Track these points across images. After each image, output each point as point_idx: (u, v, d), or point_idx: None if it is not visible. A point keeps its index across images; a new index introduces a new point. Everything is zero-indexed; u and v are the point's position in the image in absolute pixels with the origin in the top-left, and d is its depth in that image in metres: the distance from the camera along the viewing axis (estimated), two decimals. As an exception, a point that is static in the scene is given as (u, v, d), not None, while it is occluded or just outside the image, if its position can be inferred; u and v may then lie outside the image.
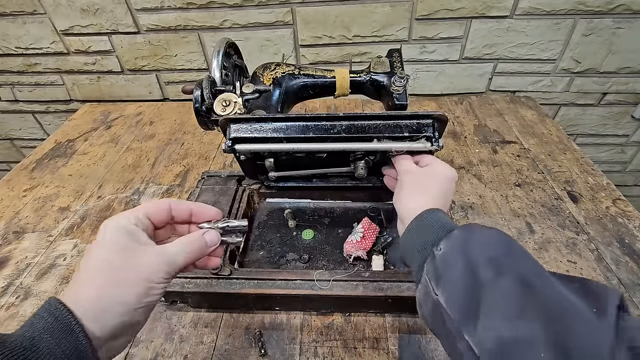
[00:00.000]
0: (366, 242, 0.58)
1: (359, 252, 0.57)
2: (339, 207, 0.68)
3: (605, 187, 0.74)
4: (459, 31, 0.97)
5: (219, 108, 0.54)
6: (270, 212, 0.68)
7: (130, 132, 0.99)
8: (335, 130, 0.51)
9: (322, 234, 0.64)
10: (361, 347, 0.49)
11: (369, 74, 0.63)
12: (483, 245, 0.33)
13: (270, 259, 0.59)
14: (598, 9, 0.91)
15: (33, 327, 0.25)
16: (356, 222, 0.63)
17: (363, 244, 0.58)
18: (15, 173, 0.86)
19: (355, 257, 0.57)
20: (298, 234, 0.63)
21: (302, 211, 0.67)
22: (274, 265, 0.58)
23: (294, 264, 0.59)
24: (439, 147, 0.50)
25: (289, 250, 0.61)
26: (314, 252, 0.60)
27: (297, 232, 0.64)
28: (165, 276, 0.30)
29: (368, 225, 0.61)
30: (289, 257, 0.60)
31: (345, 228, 0.63)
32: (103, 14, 0.99)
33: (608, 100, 1.07)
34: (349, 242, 0.58)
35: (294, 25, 0.98)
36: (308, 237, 0.62)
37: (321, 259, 0.59)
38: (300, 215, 0.66)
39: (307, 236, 0.62)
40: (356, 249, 0.57)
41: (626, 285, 0.55)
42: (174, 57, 1.06)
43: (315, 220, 0.66)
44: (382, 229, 0.63)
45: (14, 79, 1.15)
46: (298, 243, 0.62)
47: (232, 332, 0.52)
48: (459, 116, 0.99)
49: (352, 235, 0.59)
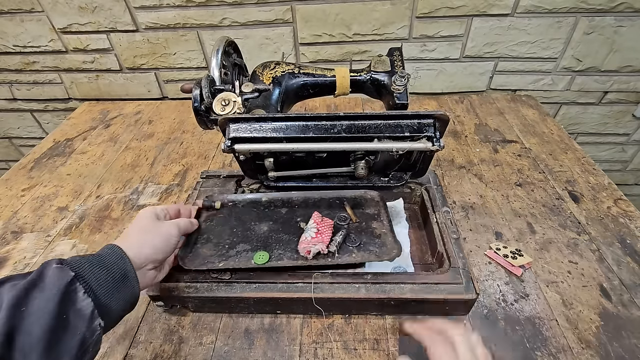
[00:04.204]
0: (323, 236, 0.53)
1: (318, 247, 0.51)
2: (297, 198, 0.62)
3: (606, 187, 0.73)
4: (459, 29, 0.96)
5: (218, 107, 0.54)
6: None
7: (129, 131, 0.99)
8: (335, 130, 0.51)
9: (277, 223, 0.58)
10: (361, 348, 0.49)
11: (369, 73, 0.62)
12: None
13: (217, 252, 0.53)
14: (600, 7, 0.90)
15: (97, 253, 0.40)
16: (303, 222, 0.57)
17: (320, 238, 0.52)
18: (13, 172, 0.86)
19: (315, 253, 0.51)
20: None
21: (256, 202, 0.62)
22: (222, 257, 0.52)
23: (245, 255, 0.53)
24: (440, 147, 0.50)
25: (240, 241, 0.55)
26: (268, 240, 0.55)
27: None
28: (176, 232, 0.48)
29: (320, 220, 0.55)
30: (239, 248, 0.54)
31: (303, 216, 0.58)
32: (101, 12, 0.98)
33: (609, 99, 1.07)
34: (304, 241, 0.52)
35: (294, 24, 0.97)
36: (261, 260, 0.51)
37: (277, 247, 0.54)
38: (257, 206, 0.61)
39: (259, 260, 0.51)
40: (313, 244, 0.51)
41: (628, 286, 0.55)
42: (173, 55, 1.06)
43: (272, 211, 0.60)
44: (346, 221, 0.57)
45: (12, 78, 1.15)
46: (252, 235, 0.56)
47: (231, 333, 0.52)
48: (460, 115, 0.98)
49: (305, 233, 0.53)
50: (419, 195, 0.66)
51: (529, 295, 0.54)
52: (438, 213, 0.60)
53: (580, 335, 0.50)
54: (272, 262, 0.51)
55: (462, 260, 0.51)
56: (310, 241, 0.52)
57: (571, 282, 0.56)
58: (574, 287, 0.56)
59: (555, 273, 0.57)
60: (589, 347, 0.48)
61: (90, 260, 0.38)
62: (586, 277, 0.57)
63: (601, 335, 0.50)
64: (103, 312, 0.36)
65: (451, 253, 0.52)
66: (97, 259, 0.38)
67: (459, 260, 0.51)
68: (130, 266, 0.40)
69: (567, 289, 0.55)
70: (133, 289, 0.40)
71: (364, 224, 0.57)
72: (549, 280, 0.56)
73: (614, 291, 0.55)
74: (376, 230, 0.56)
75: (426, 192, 0.64)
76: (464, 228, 0.65)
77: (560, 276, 0.57)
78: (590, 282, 0.56)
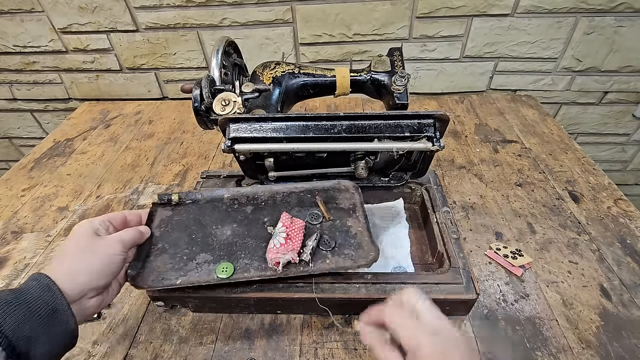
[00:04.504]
0: (293, 242, 0.48)
1: (288, 256, 0.46)
2: (262, 193, 0.57)
3: (606, 187, 0.73)
4: (459, 29, 0.96)
5: (218, 107, 0.54)
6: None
7: (129, 131, 0.99)
8: (335, 130, 0.51)
9: (242, 226, 0.53)
10: (361, 349, 0.49)
11: (369, 73, 0.62)
12: None
13: (174, 265, 0.47)
14: (600, 7, 0.90)
15: (18, 288, 0.34)
16: (270, 226, 0.52)
17: (290, 245, 0.47)
18: (13, 172, 0.86)
19: (285, 263, 0.46)
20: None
21: (218, 200, 0.56)
22: (181, 272, 0.47)
23: (206, 267, 0.47)
24: (440, 147, 0.50)
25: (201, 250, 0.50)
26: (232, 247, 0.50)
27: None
28: (119, 249, 0.42)
29: (289, 222, 0.50)
30: (200, 259, 0.48)
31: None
32: (101, 12, 0.98)
33: (609, 99, 1.07)
34: (272, 249, 0.47)
35: (294, 24, 0.97)
36: (225, 273, 0.46)
37: (243, 256, 0.49)
38: (219, 205, 0.56)
39: (223, 273, 0.47)
40: (282, 253, 0.46)
41: (628, 286, 0.55)
42: (173, 55, 1.06)
43: (236, 210, 0.55)
44: (318, 220, 0.53)
45: (12, 78, 1.15)
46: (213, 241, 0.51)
47: (231, 333, 0.51)
48: (460, 115, 0.98)
49: (273, 239, 0.48)
50: (419, 195, 0.66)
51: (529, 295, 0.54)
52: (438, 213, 0.59)
53: (580, 335, 0.50)
54: (237, 274, 0.46)
55: (462, 261, 0.51)
56: (279, 249, 0.47)
57: (571, 282, 0.56)
58: (574, 287, 0.56)
59: (556, 273, 0.57)
60: (589, 347, 0.48)
61: (5, 299, 0.32)
62: (586, 277, 0.57)
63: (601, 335, 0.50)
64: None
65: (451, 253, 0.52)
66: (15, 295, 0.33)
67: (459, 261, 0.51)
68: (61, 299, 0.34)
69: (568, 289, 0.55)
70: (67, 324, 0.34)
71: (338, 222, 0.53)
72: (549, 280, 0.56)
73: (614, 291, 0.55)
74: (352, 229, 0.52)
75: (426, 192, 0.64)
76: (464, 228, 0.65)
77: (561, 276, 0.57)
78: (591, 282, 0.56)
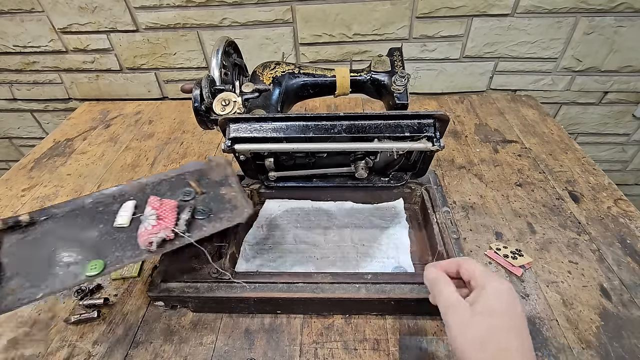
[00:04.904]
0: (166, 221, 0.47)
1: (161, 234, 0.45)
2: (130, 190, 0.53)
3: (606, 187, 0.73)
4: (459, 29, 0.96)
5: (218, 107, 0.54)
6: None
7: (129, 131, 0.99)
8: (335, 130, 0.51)
9: (108, 225, 0.48)
10: (361, 349, 0.49)
11: (369, 73, 0.62)
12: None
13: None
14: (600, 7, 0.90)
15: None
16: (140, 214, 0.49)
17: (163, 224, 0.47)
18: (13, 172, 0.86)
19: (159, 241, 0.45)
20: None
21: (80, 208, 0.52)
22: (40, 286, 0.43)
23: (73, 270, 0.44)
24: (440, 147, 0.50)
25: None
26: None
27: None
28: None
29: (158, 204, 0.49)
30: (63, 267, 0.44)
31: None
32: (101, 12, 0.98)
33: (609, 99, 1.07)
34: (142, 233, 0.46)
35: (294, 24, 0.97)
36: (95, 270, 0.44)
37: (114, 249, 0.46)
38: (81, 213, 0.51)
39: (93, 270, 0.44)
40: (154, 233, 0.45)
41: (628, 286, 0.55)
42: (173, 55, 1.06)
43: (102, 212, 0.51)
44: (191, 195, 0.51)
45: (12, 78, 1.15)
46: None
47: (231, 333, 0.52)
48: (460, 115, 0.98)
49: (142, 224, 0.47)
50: (419, 195, 0.66)
51: (529, 296, 0.54)
52: (438, 213, 0.60)
53: (580, 336, 0.50)
54: (109, 267, 0.44)
55: (462, 261, 0.51)
56: (151, 231, 0.46)
57: (571, 282, 0.56)
58: (574, 287, 0.56)
59: (556, 273, 0.57)
60: (589, 347, 0.48)
61: None
62: (586, 277, 0.57)
63: (601, 336, 0.50)
64: None
65: (451, 253, 0.52)
66: None
67: (459, 261, 0.51)
68: None
69: (567, 289, 0.55)
70: None
71: (212, 193, 0.52)
72: (549, 281, 0.56)
73: (614, 291, 0.55)
74: (226, 196, 0.51)
75: (426, 192, 0.64)
76: (464, 228, 0.65)
77: (561, 276, 0.57)
78: (591, 282, 0.56)
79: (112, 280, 0.60)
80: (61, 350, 0.51)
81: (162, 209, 0.48)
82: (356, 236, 0.62)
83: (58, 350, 0.51)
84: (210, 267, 0.51)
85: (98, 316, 0.54)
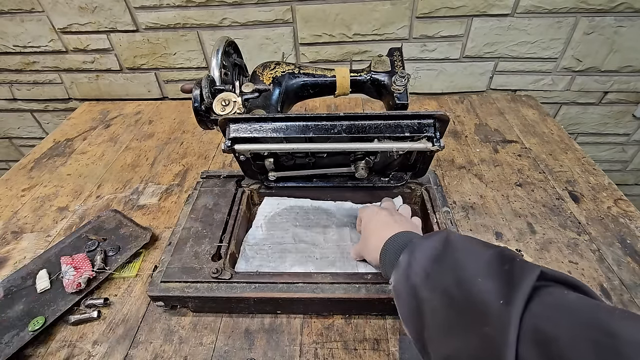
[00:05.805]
0: (84, 268, 0.57)
1: (85, 275, 0.56)
2: (37, 266, 0.60)
3: (606, 187, 0.73)
4: (459, 29, 0.96)
5: (218, 107, 0.54)
6: None
7: (129, 131, 0.99)
8: (335, 130, 0.51)
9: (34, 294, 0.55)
10: (361, 349, 0.49)
11: (369, 73, 0.62)
12: (422, 261, 0.36)
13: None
14: (600, 7, 0.90)
15: None
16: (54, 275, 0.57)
17: (82, 270, 0.56)
18: (13, 172, 0.86)
19: (85, 281, 0.55)
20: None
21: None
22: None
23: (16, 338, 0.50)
24: (440, 147, 0.50)
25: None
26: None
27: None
28: None
29: (70, 260, 0.58)
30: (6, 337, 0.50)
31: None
32: (101, 12, 0.98)
33: (609, 99, 1.07)
34: (68, 282, 0.55)
35: (294, 24, 0.97)
36: (38, 325, 0.51)
37: (50, 306, 0.53)
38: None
39: (35, 326, 0.51)
40: (78, 280, 0.55)
41: (628, 286, 0.55)
42: (173, 55, 1.06)
43: (28, 288, 0.57)
44: (94, 244, 0.62)
45: (12, 78, 1.15)
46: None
47: (231, 333, 0.52)
48: (460, 115, 0.98)
49: (64, 279, 0.55)
50: (419, 195, 0.66)
51: (529, 296, 0.54)
52: (438, 213, 0.59)
53: (580, 336, 0.49)
54: (50, 319, 0.52)
55: (462, 261, 0.51)
56: (75, 277, 0.55)
57: (571, 282, 0.56)
58: (574, 287, 0.55)
59: (556, 273, 0.57)
60: (589, 347, 0.48)
61: None
62: (586, 277, 0.57)
63: (601, 336, 0.49)
64: None
65: (451, 253, 0.52)
66: None
67: (459, 261, 0.51)
68: None
69: (567, 289, 0.55)
70: None
71: (113, 237, 0.64)
72: (549, 281, 0.56)
73: (614, 291, 0.55)
74: (125, 233, 0.64)
75: (426, 192, 0.64)
76: (464, 228, 0.65)
77: (561, 276, 0.57)
78: (591, 282, 0.56)
79: (112, 280, 0.60)
80: (61, 350, 0.51)
81: (75, 262, 0.58)
82: (356, 235, 0.62)
83: (58, 351, 0.51)
84: (210, 267, 0.51)
85: (98, 316, 0.54)
